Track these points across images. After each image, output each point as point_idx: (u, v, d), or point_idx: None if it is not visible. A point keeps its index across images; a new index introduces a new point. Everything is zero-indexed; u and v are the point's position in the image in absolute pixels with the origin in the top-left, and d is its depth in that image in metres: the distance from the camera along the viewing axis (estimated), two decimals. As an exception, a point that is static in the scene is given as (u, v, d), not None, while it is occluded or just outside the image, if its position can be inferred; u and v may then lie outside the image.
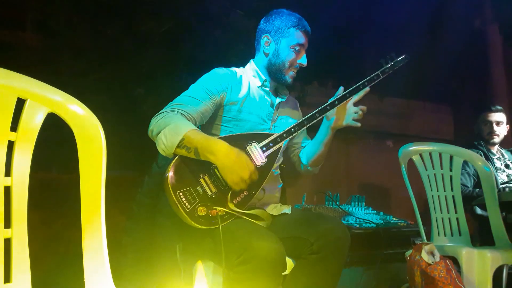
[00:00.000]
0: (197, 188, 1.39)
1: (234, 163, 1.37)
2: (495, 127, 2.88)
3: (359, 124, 1.68)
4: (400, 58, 1.73)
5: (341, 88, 1.67)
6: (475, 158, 2.25)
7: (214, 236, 1.37)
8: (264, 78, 1.71)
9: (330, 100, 1.64)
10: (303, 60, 1.69)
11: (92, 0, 2.40)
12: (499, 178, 2.74)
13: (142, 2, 2.51)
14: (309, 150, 1.80)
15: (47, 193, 1.98)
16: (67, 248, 2.04)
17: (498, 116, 2.91)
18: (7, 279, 0.94)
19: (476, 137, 2.98)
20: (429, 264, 1.71)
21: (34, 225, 0.98)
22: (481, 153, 2.81)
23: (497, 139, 2.89)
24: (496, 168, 2.80)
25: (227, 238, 1.33)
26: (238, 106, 1.62)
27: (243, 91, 1.65)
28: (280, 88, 1.80)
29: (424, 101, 3.73)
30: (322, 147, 1.75)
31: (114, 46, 2.42)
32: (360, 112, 1.68)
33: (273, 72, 1.70)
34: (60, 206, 2.02)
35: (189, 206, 1.35)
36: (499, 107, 2.94)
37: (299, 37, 1.67)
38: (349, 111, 1.69)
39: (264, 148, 1.52)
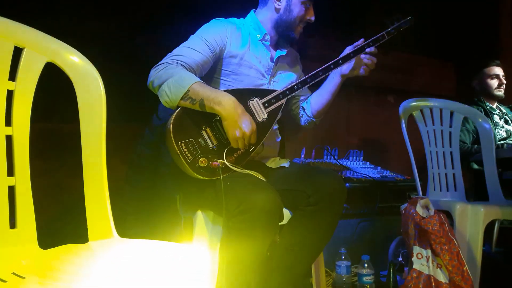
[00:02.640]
0: (199, 139, 1.41)
1: (239, 118, 1.38)
2: (503, 80, 2.88)
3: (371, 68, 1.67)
4: (405, 20, 1.69)
5: (348, 48, 1.65)
6: (476, 114, 2.25)
7: (215, 186, 1.40)
8: (264, 31, 1.67)
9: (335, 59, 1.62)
10: (312, 16, 1.67)
11: None
12: (498, 134, 2.75)
13: None
14: (315, 100, 1.79)
15: (48, 143, 1.99)
16: (70, 196, 2.09)
17: (500, 70, 2.91)
18: (13, 225, 0.97)
19: (478, 93, 2.96)
20: (423, 218, 1.75)
21: (36, 174, 1.00)
22: (481, 109, 2.81)
23: (502, 92, 2.88)
24: (496, 124, 2.80)
25: (226, 189, 1.36)
26: (237, 59, 1.59)
27: (243, 44, 1.62)
28: (281, 41, 1.76)
29: (427, 56, 3.66)
30: (330, 96, 1.74)
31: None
32: (373, 62, 1.66)
33: (283, 28, 1.66)
34: (62, 156, 2.05)
35: (190, 157, 1.37)
36: (498, 61, 2.93)
37: None
38: (363, 61, 1.67)
39: (266, 104, 1.52)
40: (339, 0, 2.97)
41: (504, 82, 2.89)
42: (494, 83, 2.88)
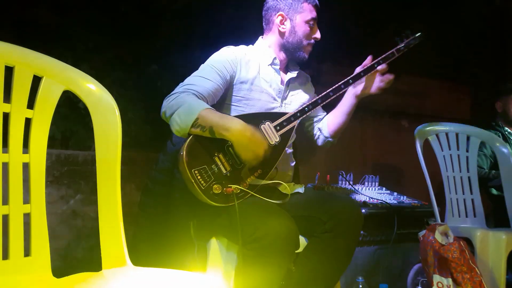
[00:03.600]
0: (212, 166, 1.40)
1: (249, 141, 1.38)
2: None
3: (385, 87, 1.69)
4: (414, 36, 1.72)
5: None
6: (493, 139, 2.21)
7: (229, 213, 1.39)
8: (273, 56, 1.68)
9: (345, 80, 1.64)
10: (318, 34, 1.69)
11: (106, -24, 2.39)
12: None
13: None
14: (331, 121, 1.79)
15: (64, 169, 2.01)
16: (84, 223, 2.09)
17: None
18: (27, 252, 0.97)
19: (497, 115, 2.88)
20: (443, 245, 1.70)
21: (51, 200, 1.00)
22: (499, 133, 2.76)
23: None
24: None
25: (241, 216, 1.34)
26: (248, 85, 1.60)
27: (253, 69, 1.63)
28: (291, 64, 1.77)
29: (441, 80, 3.65)
30: (346, 116, 1.75)
31: (128, 22, 2.42)
32: (387, 80, 1.68)
33: (291, 50, 1.68)
34: (77, 182, 2.06)
35: (204, 184, 1.37)
36: None
37: (312, 11, 1.66)
38: (376, 79, 1.69)
39: (278, 127, 1.52)
40: (349, 25, 3.01)
41: None
42: None
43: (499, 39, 3.73)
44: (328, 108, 1.77)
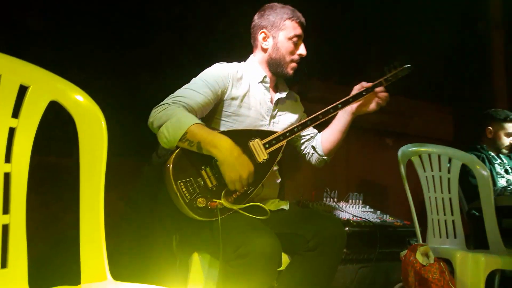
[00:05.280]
0: (198, 179, 1.39)
1: (235, 160, 1.37)
2: None
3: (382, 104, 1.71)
4: (403, 68, 1.72)
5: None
6: (474, 161, 2.24)
7: (212, 228, 1.38)
8: (264, 74, 1.70)
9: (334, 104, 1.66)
10: (302, 51, 1.70)
11: (98, -17, 2.38)
12: (499, 183, 2.74)
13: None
14: (326, 139, 1.81)
15: (45, 176, 1.97)
16: (63, 232, 2.05)
17: None
18: (4, 264, 0.94)
19: (485, 140, 2.89)
20: (423, 266, 1.72)
21: (30, 208, 0.98)
22: (484, 156, 2.79)
23: (508, 152, 2.85)
24: (497, 173, 2.79)
25: (224, 231, 1.33)
26: (238, 101, 1.61)
27: (244, 87, 1.64)
28: (280, 83, 1.79)
29: (425, 100, 3.73)
30: (341, 134, 1.77)
31: (119, 30, 2.41)
32: (384, 97, 1.71)
33: (275, 67, 1.70)
34: (58, 190, 2.03)
35: (189, 197, 1.36)
36: None
37: (296, 28, 1.68)
38: (374, 97, 1.71)
39: (267, 145, 1.53)
40: (338, 44, 3.05)
41: None
42: (507, 141, 2.82)
43: (480, 62, 3.84)
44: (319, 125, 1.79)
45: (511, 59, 3.81)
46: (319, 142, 1.83)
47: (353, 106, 1.72)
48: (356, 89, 1.70)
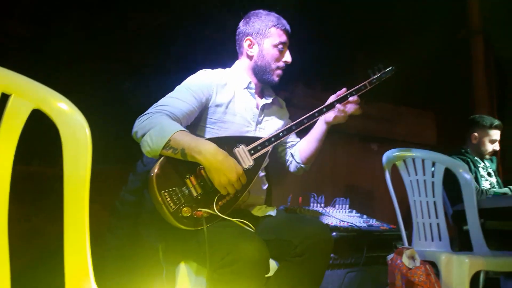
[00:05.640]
0: (183, 188, 1.38)
1: (221, 164, 1.36)
2: (498, 146, 2.86)
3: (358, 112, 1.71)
4: (386, 70, 1.76)
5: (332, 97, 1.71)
6: (457, 165, 2.28)
7: (198, 237, 1.36)
8: (249, 80, 1.70)
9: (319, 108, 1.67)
10: (287, 58, 1.71)
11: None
12: (482, 185, 2.79)
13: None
14: (303, 147, 1.81)
15: (28, 186, 1.94)
16: (47, 243, 2.01)
17: (499, 135, 2.87)
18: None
19: (469, 144, 2.92)
20: (410, 269, 1.74)
21: (13, 218, 0.96)
22: (469, 160, 2.84)
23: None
24: (481, 176, 2.84)
25: (211, 240, 1.32)
26: (223, 108, 1.61)
27: (229, 93, 1.64)
28: (266, 89, 1.80)
29: (408, 106, 3.80)
30: (318, 143, 1.77)
31: (103, 38, 2.39)
32: (354, 109, 1.70)
33: (260, 74, 1.70)
34: (41, 200, 1.99)
35: (173, 207, 1.34)
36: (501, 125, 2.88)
37: (281, 35, 1.69)
38: (346, 106, 1.70)
39: (252, 151, 1.52)
40: (324, 51, 3.09)
41: (498, 149, 2.86)
42: (491, 147, 2.85)
43: (463, 68, 3.92)
44: (302, 133, 1.80)
45: (491, 65, 3.91)
46: (297, 150, 1.83)
47: (328, 115, 1.70)
48: (341, 93, 1.72)
